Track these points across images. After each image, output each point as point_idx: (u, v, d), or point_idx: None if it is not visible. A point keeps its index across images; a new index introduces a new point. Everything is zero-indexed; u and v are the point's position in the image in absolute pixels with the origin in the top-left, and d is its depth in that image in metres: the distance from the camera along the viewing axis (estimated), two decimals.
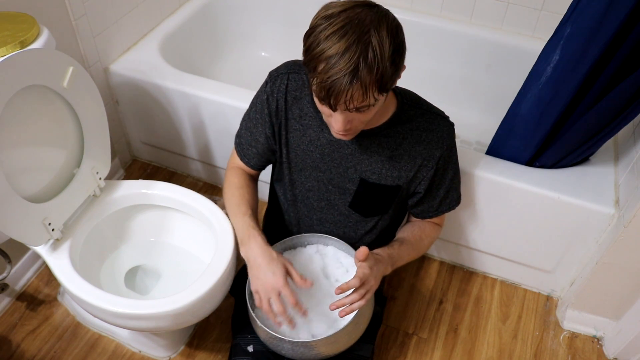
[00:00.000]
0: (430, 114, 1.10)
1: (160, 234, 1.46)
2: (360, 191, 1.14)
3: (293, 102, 1.10)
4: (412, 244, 1.19)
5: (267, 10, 2.15)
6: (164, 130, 1.81)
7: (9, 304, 1.55)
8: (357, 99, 0.86)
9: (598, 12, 1.16)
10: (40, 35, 1.18)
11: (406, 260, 1.18)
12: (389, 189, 1.13)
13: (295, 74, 1.10)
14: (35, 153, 1.19)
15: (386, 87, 0.88)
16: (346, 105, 0.86)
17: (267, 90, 1.11)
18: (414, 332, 1.55)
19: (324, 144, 1.11)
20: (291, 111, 1.11)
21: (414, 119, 1.08)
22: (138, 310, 1.12)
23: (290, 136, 1.13)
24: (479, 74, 1.96)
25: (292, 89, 1.10)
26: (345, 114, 0.91)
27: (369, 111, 0.92)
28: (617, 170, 1.45)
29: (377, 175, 1.12)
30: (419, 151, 1.09)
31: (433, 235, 1.25)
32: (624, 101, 1.23)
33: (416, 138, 1.08)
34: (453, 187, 1.19)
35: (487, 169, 1.41)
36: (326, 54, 0.84)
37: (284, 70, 1.11)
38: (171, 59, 1.76)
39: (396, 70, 0.89)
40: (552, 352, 1.52)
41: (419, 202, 1.19)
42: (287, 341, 1.04)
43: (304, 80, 1.09)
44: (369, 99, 0.87)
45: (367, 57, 0.83)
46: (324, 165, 1.13)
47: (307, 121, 1.10)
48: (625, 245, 1.31)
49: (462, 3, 1.89)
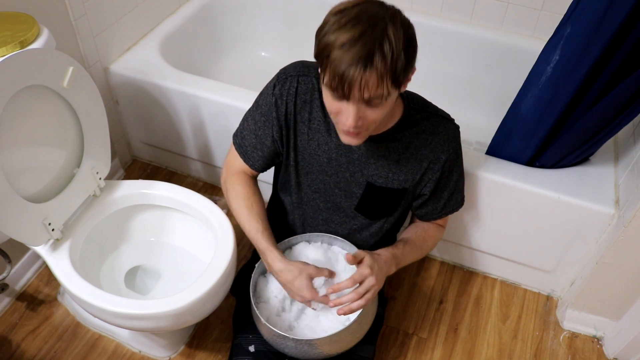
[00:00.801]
0: (437, 117, 1.10)
1: (160, 234, 1.46)
2: (367, 195, 1.14)
3: (302, 105, 1.08)
4: (416, 245, 1.19)
5: (267, 10, 2.15)
6: (164, 130, 1.81)
7: (9, 304, 1.55)
8: (371, 87, 0.84)
9: (598, 12, 1.16)
10: (40, 35, 1.18)
11: (410, 261, 1.18)
12: (395, 192, 1.13)
13: (305, 76, 1.08)
14: (35, 153, 1.19)
15: (399, 80, 0.86)
16: (361, 92, 0.85)
17: (276, 92, 1.09)
18: (414, 332, 1.55)
19: (332, 149, 1.10)
20: (300, 115, 1.09)
21: (421, 122, 1.08)
22: (138, 310, 1.12)
23: (298, 140, 1.12)
24: (479, 74, 1.96)
25: (301, 92, 1.08)
26: (358, 106, 0.88)
27: (380, 107, 0.90)
28: (617, 170, 1.45)
29: (384, 179, 1.11)
30: (425, 154, 1.09)
31: (436, 236, 1.25)
32: (624, 101, 1.23)
33: (422, 141, 1.08)
34: (457, 189, 1.19)
35: (487, 169, 1.41)
36: (340, 40, 0.83)
37: (294, 73, 1.08)
38: (171, 59, 1.76)
39: (409, 63, 0.87)
40: (552, 352, 1.52)
41: (423, 204, 1.19)
42: (290, 339, 1.04)
43: (314, 84, 1.07)
44: (383, 88, 0.85)
45: (383, 45, 0.82)
46: (331, 169, 1.13)
47: (315, 125, 1.09)
48: (625, 245, 1.31)
49: (462, 3, 1.89)
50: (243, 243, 1.74)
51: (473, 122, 1.99)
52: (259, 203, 1.18)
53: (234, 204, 1.17)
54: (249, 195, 1.17)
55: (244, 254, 1.70)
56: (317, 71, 1.06)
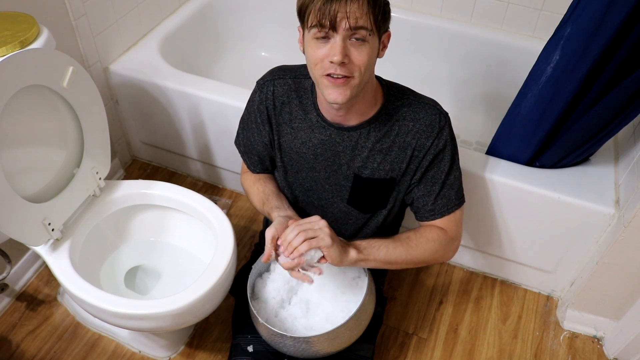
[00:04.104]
0: (418, 104, 1.08)
1: (160, 234, 1.46)
2: (356, 187, 1.15)
3: (282, 107, 1.12)
4: (400, 242, 1.11)
5: (267, 10, 2.15)
6: (164, 130, 1.81)
7: (9, 304, 1.55)
8: (357, 14, 0.89)
9: (598, 12, 1.16)
10: (40, 35, 1.18)
11: (387, 255, 1.09)
12: (383, 183, 1.13)
13: (281, 79, 1.12)
14: (35, 153, 1.19)
15: (378, 19, 0.92)
16: (346, 19, 0.89)
17: (257, 99, 1.15)
18: (414, 332, 1.55)
19: (316, 144, 1.12)
20: (281, 116, 1.13)
21: (401, 109, 1.08)
22: (138, 310, 1.12)
23: (282, 140, 1.15)
24: (479, 74, 1.96)
25: (279, 95, 1.12)
26: (344, 41, 0.91)
27: (364, 48, 0.93)
28: (617, 170, 1.45)
29: (370, 170, 1.12)
30: (408, 142, 1.08)
31: (436, 239, 1.13)
32: (624, 101, 1.23)
33: (404, 129, 1.08)
34: (449, 184, 1.12)
35: (487, 169, 1.41)
36: None
37: (269, 78, 1.14)
38: (171, 59, 1.76)
39: (385, 9, 0.94)
40: (553, 352, 1.52)
41: (415, 199, 1.15)
42: (288, 337, 1.04)
43: (290, 84, 1.11)
44: (366, 20, 0.90)
45: None
46: (318, 165, 1.14)
47: (297, 124, 1.12)
48: (626, 245, 1.31)
49: (462, 3, 1.89)
50: (243, 243, 1.74)
51: (473, 121, 2.00)
52: (265, 183, 1.24)
53: (252, 201, 1.26)
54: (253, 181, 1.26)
55: (244, 254, 1.70)
56: (292, 72, 1.12)
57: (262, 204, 1.21)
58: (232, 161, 1.78)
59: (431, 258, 1.15)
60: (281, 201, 1.19)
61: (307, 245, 0.99)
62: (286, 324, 1.11)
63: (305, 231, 1.00)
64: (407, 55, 2.00)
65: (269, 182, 1.25)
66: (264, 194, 1.21)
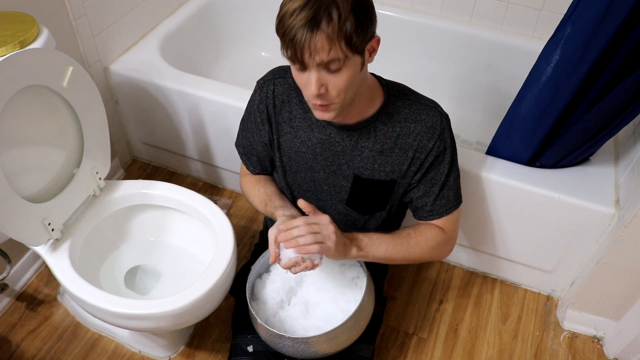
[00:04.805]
0: (419, 105, 1.08)
1: (160, 234, 1.46)
2: (356, 188, 1.14)
3: (281, 106, 1.12)
4: (400, 238, 1.12)
5: (267, 10, 2.14)
6: (164, 130, 1.81)
7: (9, 304, 1.55)
8: (321, 50, 0.86)
9: (598, 12, 1.16)
10: (40, 35, 1.18)
11: (386, 253, 1.10)
12: (383, 184, 1.13)
13: (281, 78, 1.12)
14: (35, 153, 1.19)
15: (353, 43, 0.88)
16: (312, 57, 0.87)
17: (257, 98, 1.15)
18: (414, 332, 1.55)
19: (315, 144, 1.11)
20: (281, 115, 1.13)
21: (402, 110, 1.07)
22: (138, 310, 1.12)
23: (282, 140, 1.15)
24: (479, 74, 1.96)
25: (279, 94, 1.12)
26: (318, 73, 0.90)
27: (342, 74, 0.91)
28: (617, 170, 1.45)
29: (370, 171, 1.11)
30: (409, 143, 1.08)
31: (434, 239, 1.15)
32: (624, 101, 1.23)
33: (406, 130, 1.07)
34: (448, 185, 1.13)
35: (487, 169, 1.41)
36: (291, 8, 0.86)
37: (270, 77, 1.14)
38: (171, 59, 1.76)
39: (361, 26, 0.88)
40: (553, 353, 1.52)
41: (414, 199, 1.15)
42: (287, 338, 1.04)
43: (290, 83, 1.11)
44: (337, 51, 0.87)
45: (330, 8, 0.85)
46: (317, 165, 1.14)
47: (297, 123, 1.12)
48: (626, 245, 1.31)
49: (462, 3, 1.89)
50: (243, 243, 1.74)
51: (473, 122, 2.00)
52: (264, 185, 1.23)
53: (253, 203, 1.25)
54: (254, 184, 1.25)
55: (244, 254, 1.70)
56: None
57: (264, 205, 1.20)
58: (232, 161, 1.78)
59: (429, 256, 1.18)
60: (284, 200, 1.19)
61: (317, 248, 0.99)
62: (285, 324, 1.11)
63: (314, 234, 0.99)
64: (407, 55, 2.01)
65: (270, 183, 1.25)
66: (265, 194, 1.21)
